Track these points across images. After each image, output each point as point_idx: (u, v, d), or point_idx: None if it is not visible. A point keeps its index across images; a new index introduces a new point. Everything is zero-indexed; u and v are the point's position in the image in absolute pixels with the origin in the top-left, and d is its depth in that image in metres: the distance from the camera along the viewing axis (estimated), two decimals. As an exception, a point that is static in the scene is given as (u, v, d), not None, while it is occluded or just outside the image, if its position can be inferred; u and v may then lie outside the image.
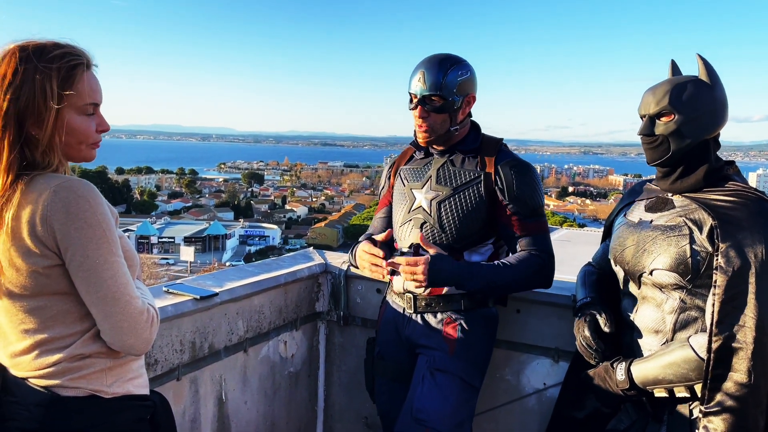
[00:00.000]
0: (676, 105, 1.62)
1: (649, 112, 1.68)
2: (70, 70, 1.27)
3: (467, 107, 2.05)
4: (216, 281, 2.31)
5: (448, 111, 1.99)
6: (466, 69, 2.01)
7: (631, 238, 1.74)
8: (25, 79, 1.23)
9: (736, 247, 1.50)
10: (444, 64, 1.97)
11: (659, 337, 1.66)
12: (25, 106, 1.23)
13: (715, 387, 1.49)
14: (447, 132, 2.04)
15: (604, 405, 1.77)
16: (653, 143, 1.68)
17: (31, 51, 1.25)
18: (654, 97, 1.67)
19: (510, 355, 2.35)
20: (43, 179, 1.23)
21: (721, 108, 1.65)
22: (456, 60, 2.00)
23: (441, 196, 2.06)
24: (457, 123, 2.03)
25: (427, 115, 2.00)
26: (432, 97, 1.97)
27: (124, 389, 1.32)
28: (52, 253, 1.21)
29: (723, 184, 1.64)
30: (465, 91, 2.00)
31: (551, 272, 2.03)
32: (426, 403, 1.97)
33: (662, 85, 1.68)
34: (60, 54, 1.27)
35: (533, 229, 2.02)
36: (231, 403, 2.32)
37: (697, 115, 1.62)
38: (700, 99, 1.62)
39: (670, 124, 1.63)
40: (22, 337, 1.26)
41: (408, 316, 2.12)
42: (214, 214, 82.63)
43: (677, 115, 1.62)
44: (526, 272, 1.97)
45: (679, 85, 1.65)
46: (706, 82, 1.64)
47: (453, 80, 1.96)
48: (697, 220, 1.60)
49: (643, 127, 1.69)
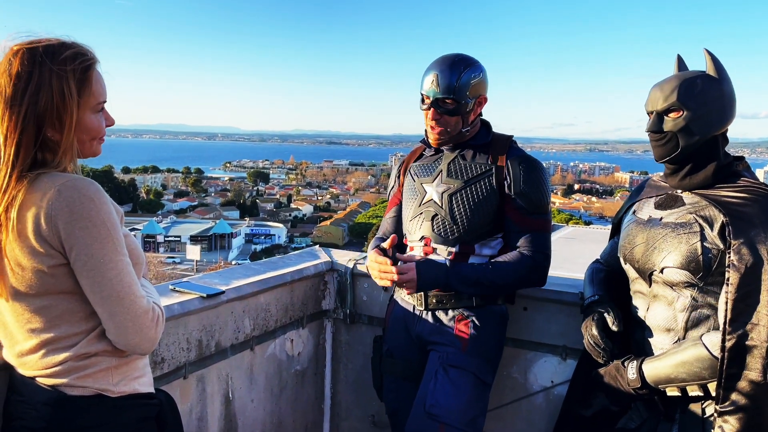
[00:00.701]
0: (685, 101, 1.60)
1: (656, 108, 1.65)
2: (85, 72, 1.28)
3: (479, 108, 2.06)
4: (222, 279, 2.30)
5: (460, 113, 2.00)
6: (479, 70, 2.01)
7: (640, 235, 1.72)
8: (41, 82, 1.22)
9: (749, 244, 1.48)
10: (458, 66, 1.98)
11: (671, 335, 1.64)
12: (44, 110, 1.22)
13: (729, 386, 1.48)
14: (459, 133, 2.05)
15: (615, 403, 1.75)
16: (661, 140, 1.65)
17: (42, 52, 1.24)
18: (662, 93, 1.64)
19: (517, 352, 2.34)
20: (47, 178, 1.22)
21: (730, 103, 1.62)
22: (469, 62, 2.00)
23: (452, 189, 2.07)
24: (468, 124, 2.05)
25: (440, 117, 2.02)
26: (445, 100, 1.98)
27: (130, 387, 1.31)
28: (57, 253, 1.20)
29: (733, 180, 1.61)
30: (477, 92, 2.01)
31: (545, 272, 2.03)
32: (440, 398, 1.97)
33: (670, 81, 1.65)
34: (72, 55, 1.27)
35: (534, 225, 2.01)
36: (237, 402, 2.32)
37: (706, 111, 1.59)
38: (708, 95, 1.60)
39: (679, 121, 1.61)
40: (28, 337, 1.26)
41: (419, 314, 2.12)
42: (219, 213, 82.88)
43: (686, 111, 1.60)
44: (517, 273, 1.98)
45: (687, 80, 1.62)
46: (714, 77, 1.62)
47: (466, 83, 1.97)
48: (708, 217, 1.58)
49: (651, 124, 1.66)
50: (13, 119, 1.21)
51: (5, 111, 1.21)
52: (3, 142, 1.21)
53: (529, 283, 2.04)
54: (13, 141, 1.21)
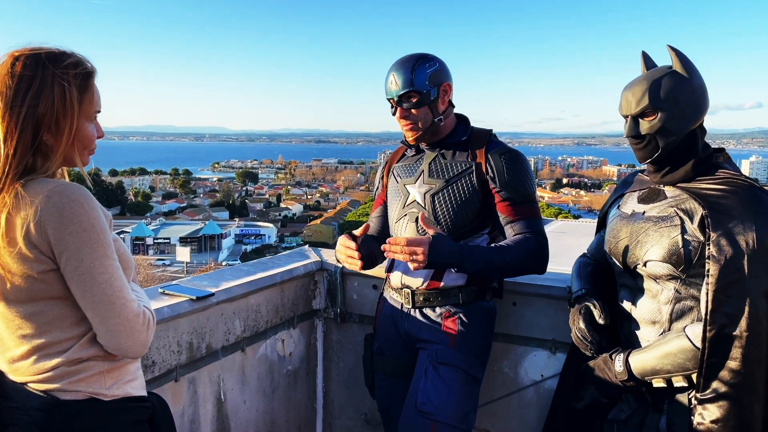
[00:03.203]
0: (657, 103, 1.62)
1: (630, 112, 1.67)
2: (86, 79, 1.29)
3: (445, 96, 2.07)
4: (212, 281, 2.31)
5: (426, 104, 2.02)
6: (434, 61, 2.04)
7: (624, 230, 1.75)
8: (43, 85, 1.22)
9: (728, 236, 1.50)
10: (410, 62, 2.02)
11: (656, 327, 1.67)
12: (44, 113, 1.22)
13: (710, 375, 1.50)
14: (432, 124, 2.06)
15: (604, 395, 1.78)
16: (641, 143, 1.67)
17: (44, 57, 1.24)
18: (633, 97, 1.66)
19: (507, 347, 2.36)
20: (36, 184, 1.22)
21: (702, 96, 1.64)
22: (421, 56, 2.04)
23: (434, 189, 2.08)
24: (439, 113, 2.06)
25: (408, 113, 2.04)
26: (407, 95, 2.01)
27: (123, 391, 1.32)
28: (47, 258, 1.21)
29: (713, 173, 1.64)
30: (438, 81, 2.03)
31: (546, 256, 2.02)
32: (431, 395, 1.98)
33: (639, 84, 1.66)
34: (74, 62, 1.28)
35: (526, 213, 2.02)
36: (230, 403, 2.32)
37: (680, 109, 1.61)
38: (679, 92, 1.61)
39: (655, 123, 1.63)
40: (19, 343, 1.26)
41: (406, 312, 2.13)
42: (209, 214, 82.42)
43: (660, 113, 1.62)
44: (524, 253, 1.96)
45: (656, 81, 1.63)
46: (681, 74, 1.63)
47: (422, 73, 2.00)
48: (688, 209, 1.60)
49: (629, 129, 1.68)
50: (13, 121, 1.21)
51: (5, 112, 1.21)
52: (2, 144, 1.21)
53: (533, 266, 2.00)
54: (12, 142, 1.21)
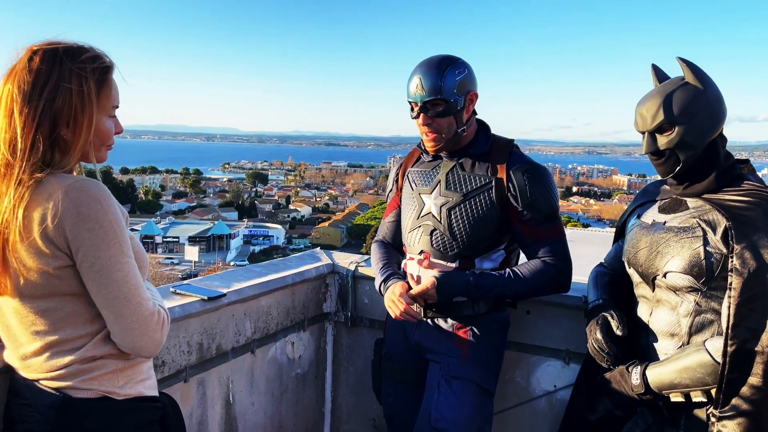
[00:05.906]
0: (673, 117, 1.58)
1: (647, 128, 1.64)
2: (104, 73, 1.28)
3: (470, 105, 1.97)
4: (223, 282, 2.30)
5: (452, 113, 1.92)
6: (463, 67, 1.92)
7: (644, 240, 1.72)
8: (60, 79, 1.22)
9: (752, 249, 1.47)
10: (440, 66, 1.89)
11: (675, 340, 1.64)
12: (61, 108, 1.22)
13: (730, 391, 1.47)
14: (455, 135, 1.97)
15: (619, 408, 1.75)
16: (661, 159, 1.64)
17: (62, 52, 1.24)
18: (648, 113, 1.62)
19: (520, 357, 2.33)
20: (54, 179, 1.22)
21: (718, 106, 1.61)
22: (451, 60, 1.92)
23: (451, 203, 2.00)
24: (463, 123, 1.96)
25: (431, 121, 1.93)
26: (433, 102, 1.91)
27: (135, 390, 1.31)
28: (63, 254, 1.20)
29: (738, 184, 1.60)
30: (465, 89, 1.92)
31: (568, 278, 1.98)
32: (444, 411, 1.95)
33: (653, 99, 1.63)
34: (92, 56, 1.27)
35: (549, 234, 1.96)
36: (238, 405, 2.31)
37: (697, 121, 1.58)
38: (694, 104, 1.58)
39: (673, 137, 1.59)
40: (32, 339, 1.26)
41: (417, 321, 2.09)
42: (218, 214, 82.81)
43: (677, 127, 1.58)
44: (539, 283, 1.94)
45: (669, 95, 1.60)
46: (695, 85, 1.60)
47: (452, 81, 1.88)
48: (711, 221, 1.57)
49: (647, 146, 1.64)
50: (31, 115, 1.20)
51: (23, 106, 1.21)
52: (19, 137, 1.20)
53: (553, 290, 1.99)
54: (30, 136, 1.20)
